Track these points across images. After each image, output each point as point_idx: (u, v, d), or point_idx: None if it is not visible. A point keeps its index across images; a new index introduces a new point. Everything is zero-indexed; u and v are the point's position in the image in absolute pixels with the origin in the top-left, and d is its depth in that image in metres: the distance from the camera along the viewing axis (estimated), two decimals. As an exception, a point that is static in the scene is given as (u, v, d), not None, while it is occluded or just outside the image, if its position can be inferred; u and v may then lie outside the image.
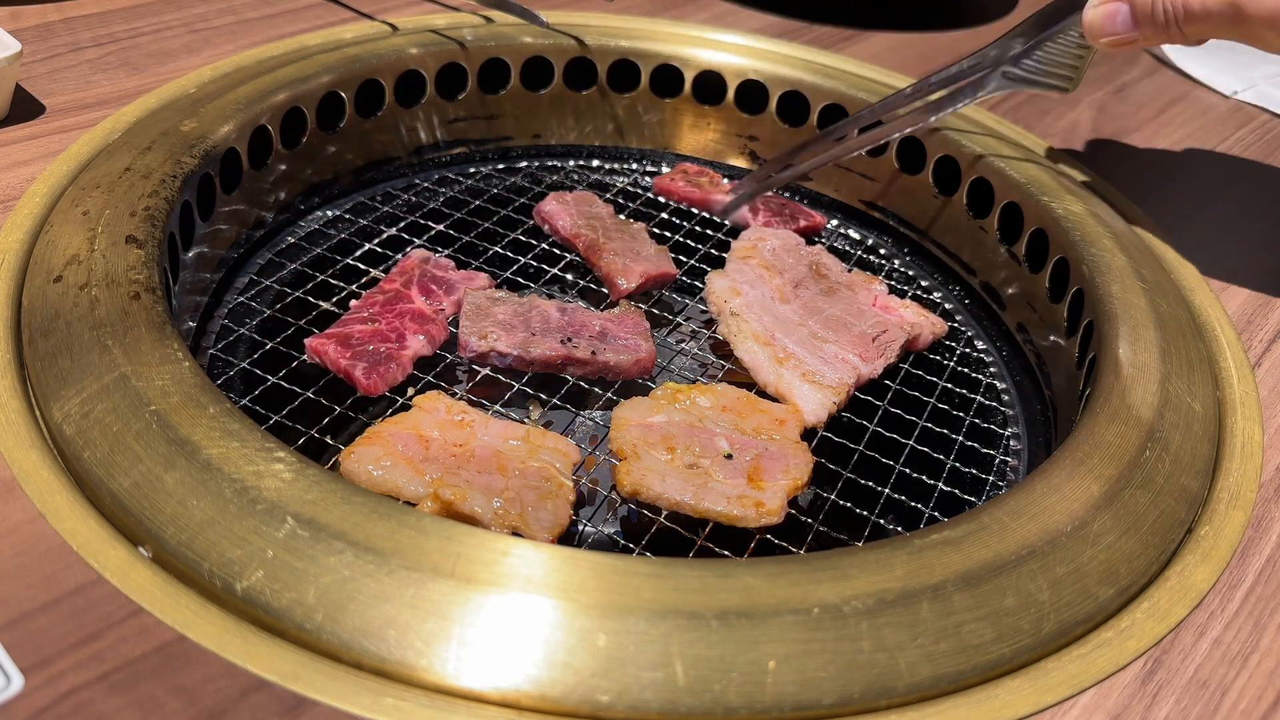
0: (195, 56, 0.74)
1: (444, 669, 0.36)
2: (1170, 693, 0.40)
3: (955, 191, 0.72)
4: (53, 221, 0.54)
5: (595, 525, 0.54)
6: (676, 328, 0.67)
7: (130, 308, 0.47)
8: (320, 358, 0.56)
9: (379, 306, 0.59)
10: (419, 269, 0.63)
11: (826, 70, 0.79)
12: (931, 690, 0.38)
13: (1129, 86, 0.90)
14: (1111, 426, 0.48)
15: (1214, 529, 0.47)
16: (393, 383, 0.55)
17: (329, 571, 0.37)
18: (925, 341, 0.64)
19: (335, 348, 0.56)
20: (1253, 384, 0.57)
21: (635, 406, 0.54)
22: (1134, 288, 0.58)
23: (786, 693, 0.36)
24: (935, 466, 0.55)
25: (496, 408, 0.55)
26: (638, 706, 0.35)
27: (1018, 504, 0.44)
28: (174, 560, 0.38)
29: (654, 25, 0.83)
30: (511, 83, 0.77)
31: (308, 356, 0.56)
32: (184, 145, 0.59)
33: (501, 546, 0.38)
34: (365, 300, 0.60)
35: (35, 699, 0.34)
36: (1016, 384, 0.64)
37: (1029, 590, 0.40)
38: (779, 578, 0.38)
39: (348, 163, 0.72)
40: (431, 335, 0.58)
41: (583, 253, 0.68)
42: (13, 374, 0.46)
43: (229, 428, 0.42)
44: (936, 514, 0.52)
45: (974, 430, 0.60)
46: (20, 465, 0.42)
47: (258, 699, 0.34)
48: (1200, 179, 0.77)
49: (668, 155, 0.82)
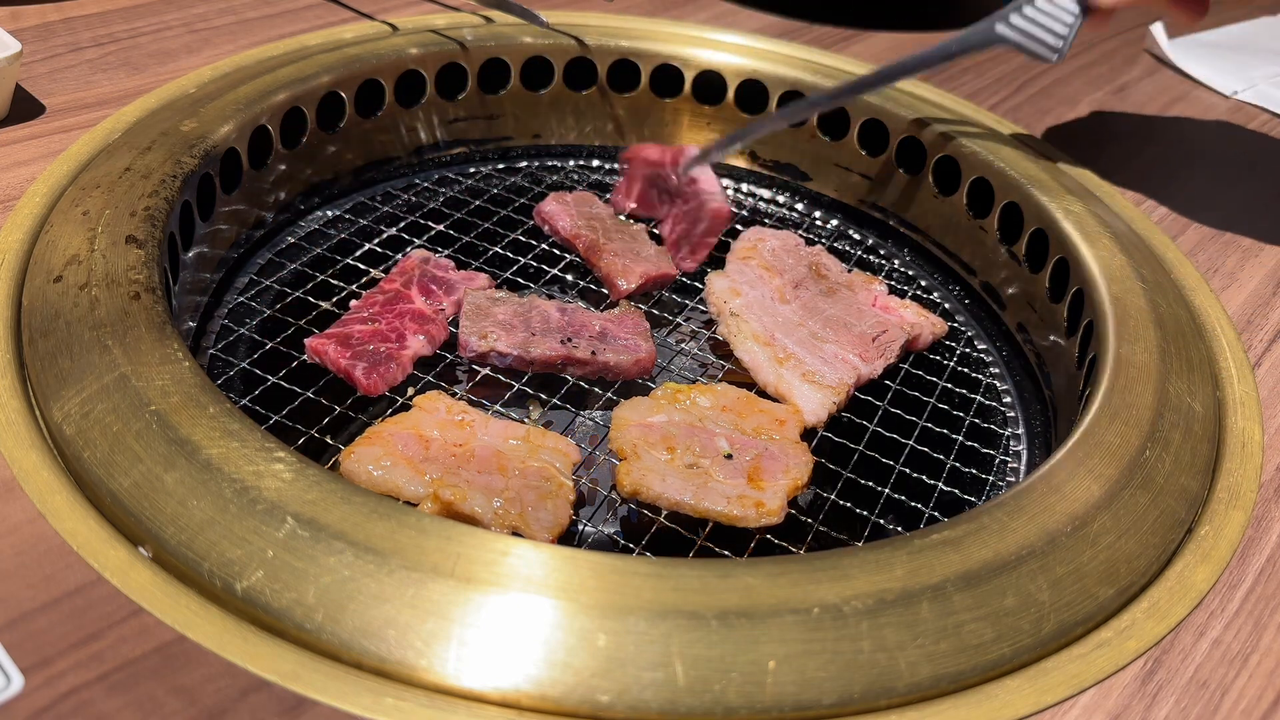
0: (195, 56, 0.74)
1: (444, 669, 0.36)
2: (1170, 693, 0.40)
3: (955, 191, 0.72)
4: (53, 221, 0.54)
5: (595, 525, 0.54)
6: (676, 328, 0.67)
7: (130, 308, 0.47)
8: (320, 358, 0.56)
9: (379, 306, 0.59)
10: (419, 269, 0.63)
11: (826, 70, 0.79)
12: (931, 690, 0.38)
13: (1129, 86, 0.90)
14: (1111, 426, 0.48)
15: (1214, 529, 0.47)
16: (393, 383, 0.55)
17: (329, 571, 0.37)
18: (925, 341, 0.64)
19: (335, 348, 0.56)
20: (1253, 384, 0.57)
21: (635, 406, 0.54)
22: (1134, 288, 0.58)
23: (786, 693, 0.36)
24: (935, 466, 0.55)
25: (496, 408, 0.55)
26: (638, 706, 0.35)
27: (1018, 504, 0.44)
28: (174, 560, 0.38)
29: (654, 25, 0.83)
30: (511, 83, 0.77)
31: (308, 356, 0.56)
32: (184, 145, 0.59)
33: (501, 546, 0.38)
34: (365, 300, 0.60)
35: (35, 699, 0.34)
36: (1016, 384, 0.64)
37: (1029, 590, 0.40)
38: (779, 578, 0.38)
39: (348, 163, 0.72)
40: (431, 335, 0.58)
41: (583, 253, 0.68)
42: (13, 374, 0.46)
43: (229, 428, 0.42)
44: (936, 514, 0.52)
45: (974, 430, 0.60)
46: (20, 465, 0.42)
47: (258, 699, 0.34)
48: (1200, 179, 0.77)
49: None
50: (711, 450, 0.52)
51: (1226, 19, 1.08)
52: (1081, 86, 0.89)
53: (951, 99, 0.81)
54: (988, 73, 0.88)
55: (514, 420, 0.53)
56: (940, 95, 0.81)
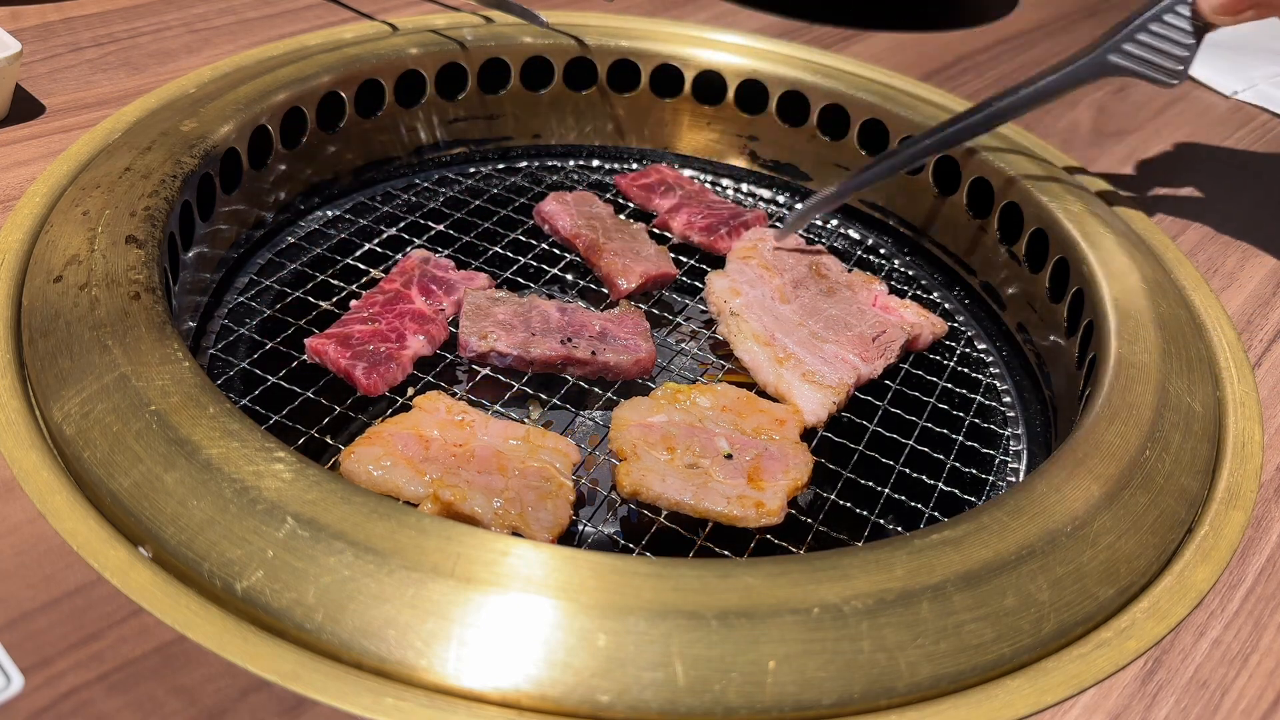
0: (195, 56, 0.74)
1: (444, 669, 0.36)
2: (1170, 693, 0.40)
3: (955, 191, 0.72)
4: (53, 221, 0.54)
5: (595, 525, 0.54)
6: (676, 328, 0.67)
7: (130, 308, 0.47)
8: (320, 358, 0.56)
9: (379, 306, 0.59)
10: (419, 269, 0.63)
11: (826, 70, 0.79)
12: (931, 690, 0.38)
13: (1129, 86, 0.90)
14: (1111, 426, 0.48)
15: (1214, 529, 0.47)
16: (393, 383, 0.55)
17: (329, 571, 0.37)
18: (925, 341, 0.64)
19: (335, 348, 0.55)
20: (1253, 384, 0.57)
21: (635, 406, 0.54)
22: (1134, 288, 0.58)
23: (786, 693, 0.36)
24: (935, 466, 0.55)
25: (496, 408, 0.55)
26: (638, 706, 0.35)
27: (1018, 504, 0.44)
28: (174, 560, 0.38)
29: (654, 25, 0.83)
30: (511, 83, 0.77)
31: (308, 356, 0.56)
32: (184, 145, 0.59)
33: (501, 546, 0.38)
34: (365, 300, 0.60)
35: (35, 699, 0.34)
36: (1016, 384, 0.64)
37: (1029, 590, 0.40)
38: (779, 578, 0.38)
39: (348, 163, 0.72)
40: (431, 335, 0.58)
41: (583, 253, 0.68)
42: (13, 374, 0.46)
43: (229, 428, 0.42)
44: (936, 514, 0.52)
45: (974, 430, 0.60)
46: (20, 465, 0.42)
47: (258, 699, 0.34)
48: (1200, 179, 0.77)
49: (668, 155, 0.82)
50: (711, 450, 0.52)
51: None
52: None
53: (952, 99, 0.81)
54: (988, 73, 0.88)
55: (514, 420, 0.53)
56: (941, 96, 0.81)
